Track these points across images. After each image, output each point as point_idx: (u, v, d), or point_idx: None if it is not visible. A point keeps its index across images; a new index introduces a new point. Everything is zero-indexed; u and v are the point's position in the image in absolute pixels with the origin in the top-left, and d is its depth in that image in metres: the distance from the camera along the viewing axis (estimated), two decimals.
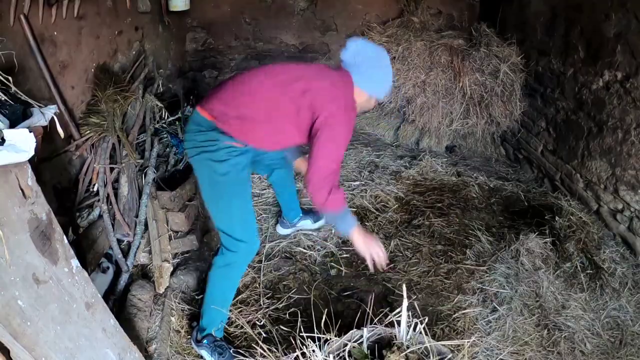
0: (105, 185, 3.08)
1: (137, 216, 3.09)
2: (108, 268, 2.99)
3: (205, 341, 2.58)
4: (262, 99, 2.38)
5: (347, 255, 3.47)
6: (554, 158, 4.60)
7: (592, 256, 3.38)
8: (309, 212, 3.70)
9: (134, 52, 4.21)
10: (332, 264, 3.36)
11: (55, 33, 2.97)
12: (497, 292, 3.07)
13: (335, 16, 6.01)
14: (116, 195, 3.12)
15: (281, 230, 3.67)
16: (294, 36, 6.05)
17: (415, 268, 3.35)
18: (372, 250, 2.57)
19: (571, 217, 3.69)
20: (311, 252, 3.45)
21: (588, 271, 3.28)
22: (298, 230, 3.68)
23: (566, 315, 2.93)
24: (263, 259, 3.31)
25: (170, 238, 3.10)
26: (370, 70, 2.53)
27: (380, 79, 2.58)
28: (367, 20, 5.93)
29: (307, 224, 3.68)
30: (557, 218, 3.70)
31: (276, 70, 2.49)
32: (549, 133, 4.67)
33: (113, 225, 3.02)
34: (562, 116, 4.43)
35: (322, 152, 2.36)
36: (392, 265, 3.33)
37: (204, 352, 2.59)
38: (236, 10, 5.84)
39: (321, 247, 3.51)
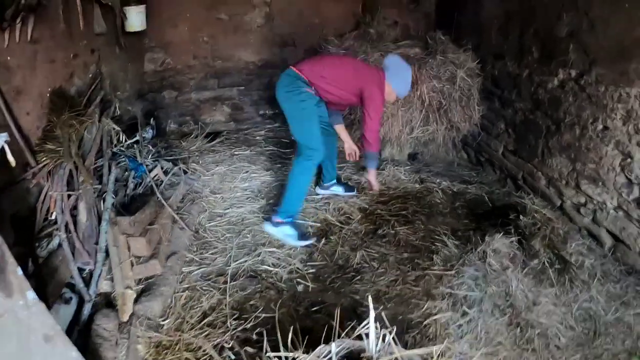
0: (63, 213, 2.99)
1: (97, 243, 3.01)
2: (71, 298, 2.88)
3: (290, 219, 3.67)
4: (337, 73, 3.69)
5: (313, 270, 3.43)
6: (515, 158, 4.66)
7: (559, 251, 3.38)
8: (342, 184, 4.57)
9: (90, 75, 4.13)
10: (299, 280, 3.31)
11: (9, 58, 2.88)
12: (467, 295, 3.04)
13: (293, 32, 6.03)
14: (76, 222, 3.04)
15: (319, 191, 4.52)
16: (252, 53, 6.03)
17: (382, 278, 3.32)
18: (375, 185, 4.29)
19: (535, 215, 3.71)
20: (276, 269, 3.39)
21: (556, 266, 3.27)
22: (333, 195, 4.45)
23: (538, 312, 2.91)
24: (228, 279, 3.24)
25: (132, 264, 3.02)
26: (396, 74, 3.83)
27: (401, 81, 3.87)
28: (324, 34, 5.93)
29: (339, 190, 4.49)
30: (521, 217, 3.71)
31: (348, 61, 3.96)
32: (509, 134, 4.74)
33: (73, 254, 2.94)
34: (521, 117, 4.50)
35: (371, 115, 3.74)
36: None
37: (286, 228, 3.67)
38: (194, 29, 5.80)
39: (287, 264, 3.46)
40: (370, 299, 2.07)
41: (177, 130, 6.01)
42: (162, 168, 3.73)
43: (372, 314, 2.02)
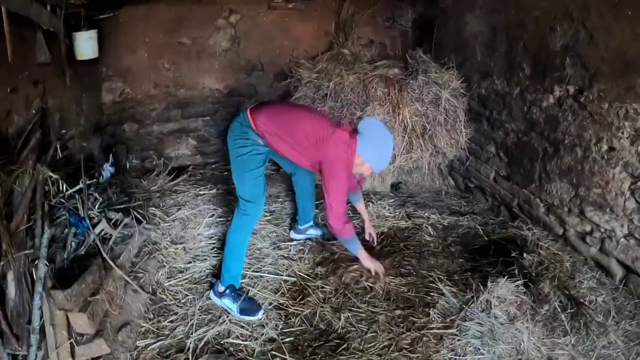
0: None
1: (30, 322, 2.50)
2: None
3: (227, 291, 3.20)
4: (295, 132, 3.15)
5: (291, 338, 2.94)
6: (508, 184, 4.40)
7: (569, 291, 3.12)
8: (321, 225, 4.15)
9: (34, 111, 3.65)
10: (274, 352, 2.81)
11: None
12: (473, 359, 2.63)
13: (261, 55, 5.68)
14: (4, 297, 2.53)
15: (293, 235, 4.12)
16: (217, 79, 5.64)
17: (372, 344, 2.84)
18: (375, 265, 3.45)
19: (540, 252, 3.43)
20: (247, 342, 2.89)
21: (569, 310, 2.98)
22: (308, 238, 4.05)
23: None
24: (190, 357, 2.73)
25: (73, 345, 2.51)
26: (371, 144, 3.12)
27: (376, 152, 3.16)
28: (294, 57, 5.63)
29: (316, 233, 4.10)
30: (525, 254, 3.41)
31: (312, 120, 3.21)
32: (500, 158, 4.48)
33: (2, 337, 2.44)
34: (513, 139, 4.25)
35: (331, 196, 3.14)
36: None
37: (226, 301, 3.20)
38: (153, 54, 5.39)
39: (258, 334, 2.96)
40: None
41: (139, 166, 5.55)
42: (109, 220, 3.22)
43: None
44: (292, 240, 4.05)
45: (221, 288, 3.22)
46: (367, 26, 5.72)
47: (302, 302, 3.28)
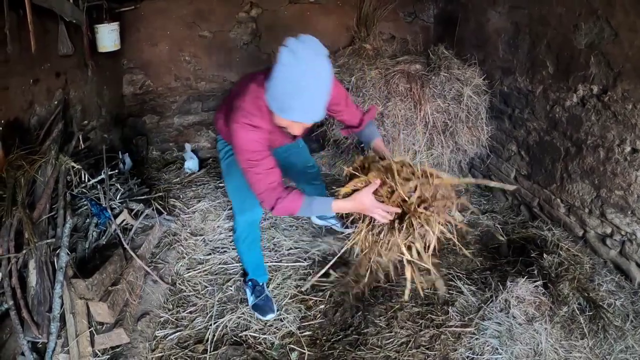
0: (10, 276, 2.51)
1: (50, 310, 2.52)
2: None
3: (249, 283, 3.21)
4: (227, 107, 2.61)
5: (309, 332, 2.94)
6: (529, 183, 4.31)
7: (589, 293, 3.07)
8: (341, 218, 4.02)
9: (56, 102, 3.68)
10: (292, 346, 2.82)
11: None
12: (490, 359, 2.61)
13: None
14: (25, 285, 2.56)
15: (316, 220, 4.11)
16: (238, 73, 5.62)
17: (391, 341, 2.83)
18: (374, 206, 2.38)
19: (560, 252, 3.38)
20: (266, 334, 2.90)
21: (587, 313, 2.95)
22: (330, 226, 4.01)
23: None
24: (208, 347, 2.75)
25: (92, 334, 2.54)
26: (276, 78, 2.12)
27: (280, 92, 2.11)
28: None
29: (337, 224, 4.03)
30: (544, 255, 3.36)
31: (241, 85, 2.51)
32: (521, 157, 4.39)
33: (23, 324, 2.46)
34: (535, 137, 4.16)
35: (248, 176, 2.37)
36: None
37: (247, 290, 3.23)
38: (174, 47, 5.39)
39: (277, 328, 2.97)
40: None
41: (159, 158, 5.58)
42: (130, 211, 3.25)
43: None
44: (313, 225, 4.09)
45: (246, 277, 3.30)
46: (389, 21, 5.65)
47: (321, 296, 3.27)
